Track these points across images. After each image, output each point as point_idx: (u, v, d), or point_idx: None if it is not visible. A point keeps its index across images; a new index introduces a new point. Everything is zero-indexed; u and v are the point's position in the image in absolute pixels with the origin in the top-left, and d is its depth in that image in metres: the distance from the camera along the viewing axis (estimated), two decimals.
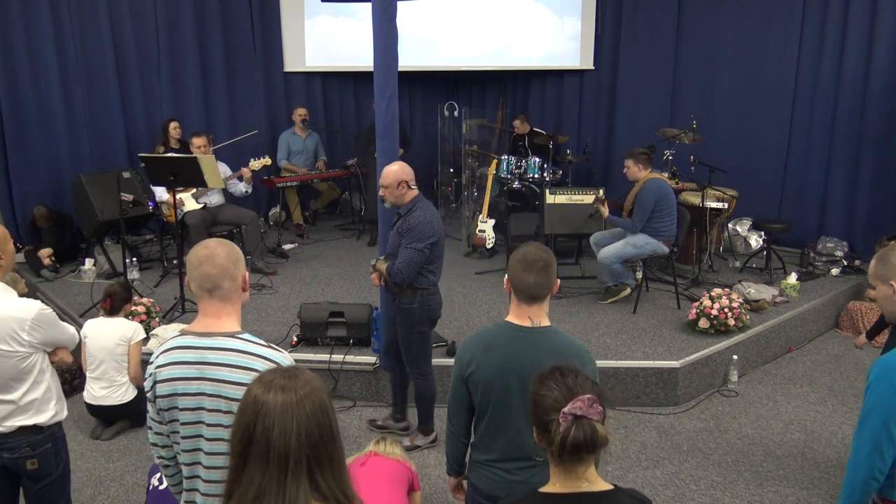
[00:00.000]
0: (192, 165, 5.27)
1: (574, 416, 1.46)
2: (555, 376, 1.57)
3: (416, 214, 3.56)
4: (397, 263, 3.57)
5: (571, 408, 1.46)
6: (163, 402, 1.84)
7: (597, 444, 1.47)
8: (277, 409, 1.31)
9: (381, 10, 3.87)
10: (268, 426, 1.31)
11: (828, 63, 6.76)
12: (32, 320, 2.44)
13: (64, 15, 6.87)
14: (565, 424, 1.46)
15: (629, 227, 5.36)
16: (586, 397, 1.47)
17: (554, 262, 2.17)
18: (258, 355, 1.82)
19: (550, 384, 1.55)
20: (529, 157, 7.39)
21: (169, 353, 1.85)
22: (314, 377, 1.42)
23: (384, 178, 3.58)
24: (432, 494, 3.61)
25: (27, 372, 2.48)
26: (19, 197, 6.83)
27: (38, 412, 2.52)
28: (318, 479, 1.33)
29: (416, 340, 3.77)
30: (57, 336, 2.56)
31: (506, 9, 8.82)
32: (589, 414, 1.46)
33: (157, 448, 1.97)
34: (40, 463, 2.54)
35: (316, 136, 7.94)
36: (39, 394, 2.52)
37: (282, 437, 1.30)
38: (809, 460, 3.90)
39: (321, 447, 1.33)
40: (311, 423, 1.32)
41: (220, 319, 1.88)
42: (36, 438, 2.52)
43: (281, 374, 1.39)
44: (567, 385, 1.53)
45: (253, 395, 1.35)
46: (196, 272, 1.86)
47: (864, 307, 5.66)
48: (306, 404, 1.33)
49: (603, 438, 1.47)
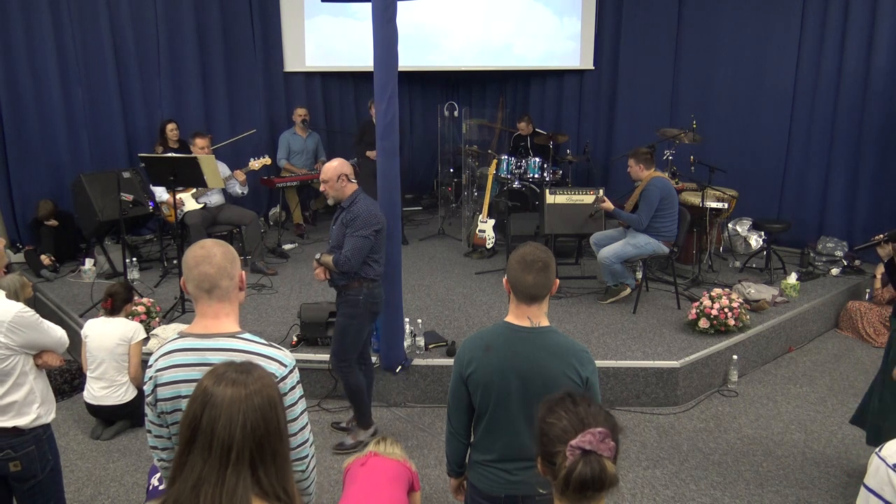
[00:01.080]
0: (192, 165, 5.27)
1: (582, 450, 1.33)
2: (565, 403, 1.44)
3: (360, 205, 3.66)
4: (344, 252, 3.61)
5: (580, 441, 1.33)
6: (165, 405, 1.83)
7: (604, 484, 1.33)
8: (225, 401, 1.32)
9: (381, 10, 3.87)
10: (214, 417, 1.31)
11: (828, 63, 6.76)
12: (10, 322, 2.44)
13: (64, 15, 6.88)
14: (572, 459, 1.33)
15: (634, 222, 5.35)
16: (598, 430, 1.34)
17: (553, 262, 2.17)
18: (261, 354, 1.81)
19: (559, 412, 1.42)
20: (529, 157, 7.39)
21: (169, 355, 1.84)
22: (267, 374, 1.43)
23: (325, 173, 3.67)
24: (432, 494, 3.61)
25: (7, 374, 2.47)
26: (19, 197, 6.84)
27: (18, 414, 2.51)
28: (260, 474, 1.33)
29: (353, 330, 3.80)
30: (38, 339, 2.55)
31: (506, 9, 8.82)
32: (599, 449, 1.33)
33: (158, 451, 1.96)
34: (23, 465, 2.54)
35: (316, 137, 7.94)
36: (20, 396, 2.51)
37: (226, 429, 1.30)
38: (809, 460, 3.90)
39: (266, 443, 1.34)
40: (257, 417, 1.33)
41: (219, 320, 1.87)
42: (17, 441, 2.52)
43: (234, 368, 1.40)
44: (578, 415, 1.40)
45: (203, 386, 1.36)
46: (194, 272, 1.85)
47: (863, 307, 5.66)
48: (255, 399, 1.34)
49: (612, 477, 1.33)
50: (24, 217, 6.84)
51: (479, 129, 9.24)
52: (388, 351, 4.38)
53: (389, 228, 4.16)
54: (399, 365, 4.41)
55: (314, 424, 4.16)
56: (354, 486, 2.96)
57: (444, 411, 2.38)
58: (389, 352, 4.38)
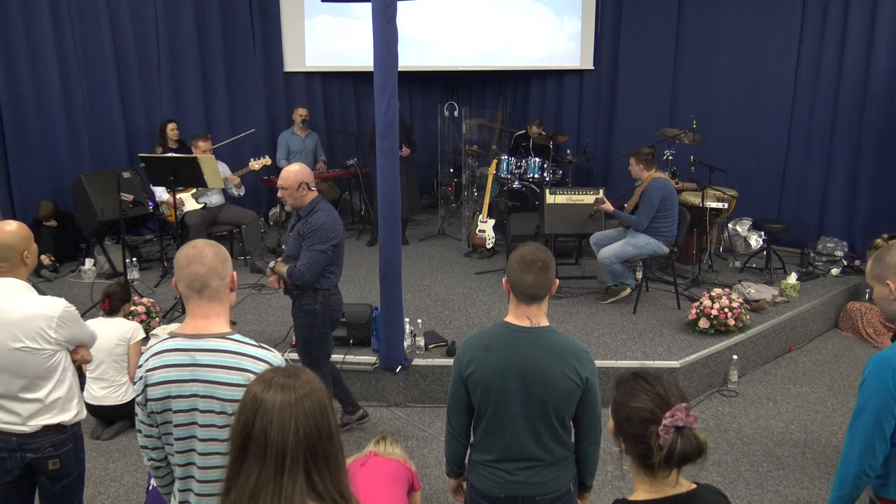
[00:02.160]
0: (192, 165, 5.27)
1: (676, 427, 1.41)
2: (641, 385, 1.51)
3: (318, 216, 3.54)
4: (299, 266, 3.51)
5: (672, 420, 1.42)
6: (155, 405, 1.84)
7: (703, 452, 1.44)
8: (276, 408, 1.32)
9: (381, 10, 3.87)
10: (266, 423, 1.32)
11: (828, 63, 6.76)
12: (59, 317, 2.44)
13: (64, 15, 6.88)
14: (669, 437, 1.41)
15: (635, 223, 5.34)
16: (683, 406, 1.43)
17: (552, 262, 2.17)
18: (249, 355, 1.82)
19: (640, 395, 1.49)
20: (529, 157, 7.40)
21: (159, 356, 1.85)
22: (315, 377, 1.42)
23: (284, 179, 3.55)
24: (432, 494, 3.61)
25: (53, 370, 2.48)
26: (19, 197, 6.84)
27: (62, 410, 2.52)
28: (314, 478, 1.33)
29: (318, 341, 3.76)
30: (80, 333, 2.57)
31: (506, 9, 8.82)
32: (689, 423, 1.42)
33: (148, 450, 1.97)
34: (62, 463, 2.54)
35: (315, 136, 7.93)
36: (63, 392, 2.52)
37: (279, 435, 1.31)
38: (809, 460, 3.90)
39: (319, 446, 1.34)
40: (309, 422, 1.33)
41: (210, 320, 1.88)
42: (59, 438, 2.52)
43: (282, 373, 1.40)
44: (658, 394, 1.48)
45: (253, 393, 1.36)
46: (185, 272, 1.86)
47: (863, 307, 5.65)
48: (305, 403, 1.34)
49: (705, 445, 1.44)
50: (25, 217, 6.81)
51: (479, 129, 9.24)
52: (388, 351, 4.38)
53: (390, 228, 4.17)
54: (399, 365, 4.41)
55: None
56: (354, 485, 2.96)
57: (444, 411, 2.38)
58: (389, 352, 4.38)
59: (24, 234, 2.50)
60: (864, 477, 2.05)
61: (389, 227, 4.16)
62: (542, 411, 2.11)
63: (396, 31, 3.93)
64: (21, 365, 2.40)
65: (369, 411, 4.46)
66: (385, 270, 4.19)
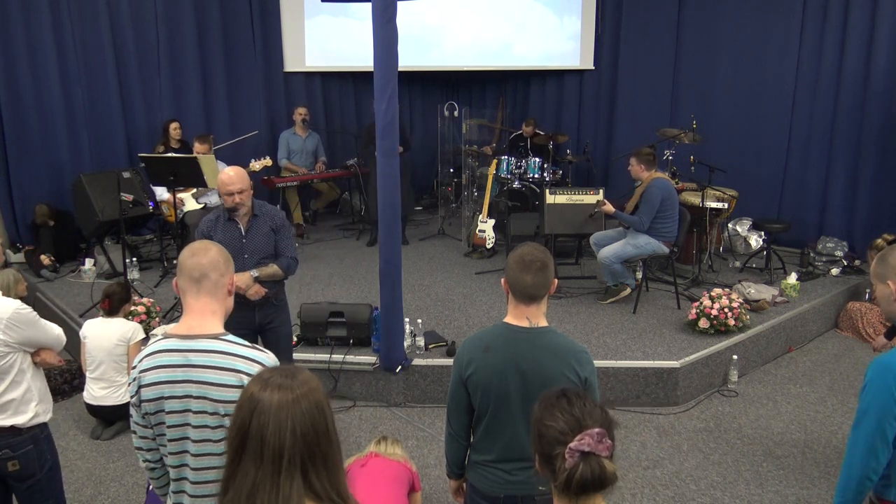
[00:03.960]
0: (192, 165, 5.28)
1: (581, 452, 1.35)
2: (561, 404, 1.44)
3: (269, 206, 3.60)
4: (290, 257, 3.56)
5: (578, 444, 1.35)
6: (149, 405, 1.84)
7: (605, 483, 1.36)
8: (273, 407, 1.32)
9: (381, 10, 3.87)
10: (263, 423, 1.31)
11: (828, 63, 6.76)
12: (8, 319, 2.43)
13: (64, 15, 6.87)
14: (572, 461, 1.35)
15: (636, 224, 5.34)
16: (595, 432, 1.36)
17: (551, 262, 2.17)
18: (242, 356, 1.82)
19: (556, 413, 1.43)
20: (529, 158, 7.40)
21: (153, 356, 1.85)
22: (312, 377, 1.42)
23: (242, 181, 3.37)
24: (432, 495, 3.61)
25: (5, 371, 2.47)
26: (19, 197, 6.84)
27: (16, 413, 2.51)
28: (312, 478, 1.33)
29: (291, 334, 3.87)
30: (35, 336, 2.55)
31: (506, 9, 8.82)
32: (598, 450, 1.35)
33: (143, 451, 1.97)
34: (22, 464, 2.54)
35: (316, 137, 7.94)
36: (18, 394, 2.51)
37: (276, 435, 1.30)
38: (809, 460, 3.90)
39: (316, 447, 1.33)
40: (306, 421, 1.33)
41: (205, 318, 1.88)
42: (15, 440, 2.51)
43: (279, 373, 1.39)
44: (574, 415, 1.41)
45: (250, 393, 1.36)
46: (188, 262, 1.88)
47: (863, 307, 5.65)
48: (302, 403, 1.34)
49: (612, 476, 1.36)
50: (25, 217, 6.83)
51: (479, 129, 9.24)
52: (388, 351, 4.38)
53: (390, 228, 4.17)
54: (399, 365, 4.42)
55: None
56: (355, 486, 2.96)
57: (444, 411, 2.38)
58: (389, 352, 4.38)
59: None
60: (868, 481, 2.05)
61: (389, 227, 4.16)
62: None
63: (396, 31, 3.93)
64: None
65: (369, 411, 4.46)
66: (385, 270, 4.19)
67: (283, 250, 3.56)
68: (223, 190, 3.36)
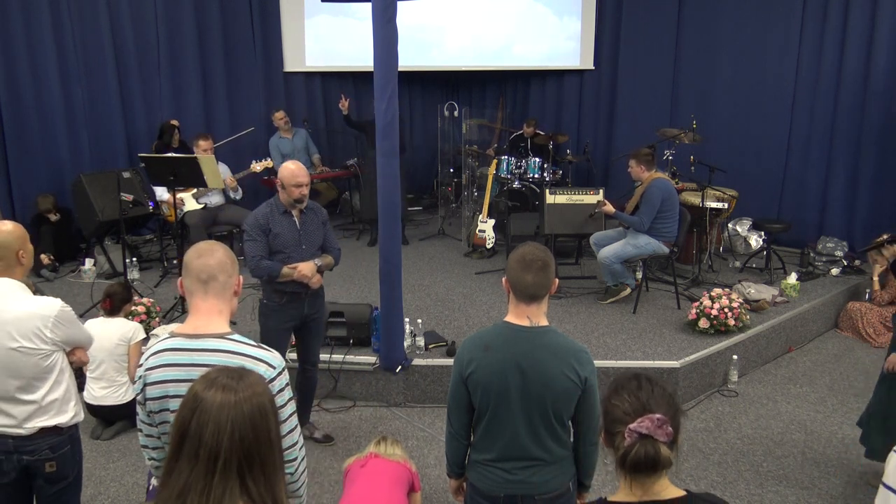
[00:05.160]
0: (192, 165, 5.27)
1: (640, 434, 1.40)
2: (630, 385, 1.49)
3: (314, 203, 3.76)
4: (337, 248, 3.78)
5: (638, 425, 1.40)
6: (153, 404, 1.84)
7: (658, 467, 1.41)
8: (214, 408, 1.30)
9: (381, 10, 3.87)
10: (202, 423, 1.29)
11: (828, 63, 6.76)
12: (55, 317, 2.43)
13: (64, 15, 6.88)
14: (629, 441, 1.41)
15: (636, 224, 5.34)
16: (656, 417, 1.40)
17: (552, 262, 2.17)
18: (249, 355, 1.82)
19: (624, 394, 1.47)
20: (529, 158, 7.40)
21: (159, 355, 1.85)
22: (261, 381, 1.40)
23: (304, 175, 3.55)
24: (432, 494, 3.61)
25: (49, 371, 2.46)
26: (19, 197, 6.84)
27: (59, 413, 2.50)
28: (248, 482, 1.30)
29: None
30: (77, 334, 2.56)
31: (506, 9, 8.82)
32: (656, 434, 1.39)
33: (148, 450, 1.97)
34: (58, 465, 2.52)
35: (303, 133, 7.82)
36: (60, 394, 2.50)
37: (214, 436, 1.28)
38: (809, 460, 3.90)
39: (255, 451, 1.31)
40: (246, 425, 1.30)
41: (211, 318, 1.88)
42: (56, 440, 2.50)
43: (226, 374, 1.37)
44: (640, 399, 1.46)
45: (194, 391, 1.34)
46: (195, 263, 1.87)
47: (863, 307, 5.65)
48: (244, 406, 1.31)
49: (665, 461, 1.40)
50: (25, 217, 6.82)
51: (479, 129, 9.24)
52: (388, 351, 4.38)
53: (390, 228, 4.18)
54: (399, 365, 4.42)
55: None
56: (354, 487, 2.96)
57: (444, 411, 2.38)
58: (389, 352, 4.38)
59: (20, 234, 2.49)
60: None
61: (389, 227, 4.16)
62: (542, 411, 2.11)
63: (396, 31, 3.93)
64: (17, 365, 2.39)
65: (369, 411, 4.46)
66: (385, 270, 4.19)
67: (332, 242, 3.76)
68: (293, 181, 3.49)
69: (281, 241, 3.55)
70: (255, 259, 3.52)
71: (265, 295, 3.69)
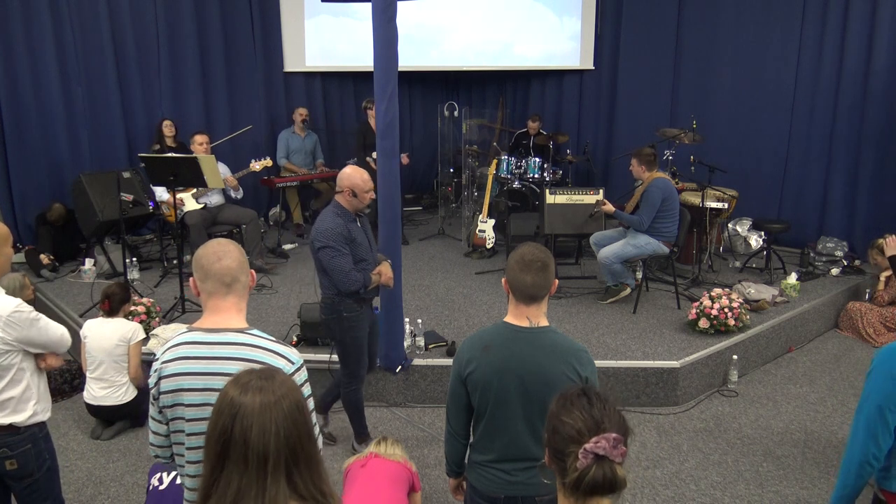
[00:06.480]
0: (192, 165, 5.27)
1: (596, 455, 1.33)
2: (581, 402, 1.41)
3: None
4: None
5: (594, 446, 1.33)
6: (166, 398, 1.84)
7: (615, 488, 1.33)
8: (256, 410, 1.30)
9: (381, 10, 3.87)
10: (246, 427, 1.29)
11: (828, 63, 6.76)
12: (7, 318, 2.43)
13: (64, 15, 6.88)
14: (585, 462, 1.33)
15: (636, 223, 5.34)
16: (612, 437, 1.33)
17: (552, 262, 2.17)
18: (268, 349, 1.82)
19: (574, 411, 1.40)
20: (529, 158, 7.40)
21: (176, 348, 1.85)
22: (289, 378, 1.42)
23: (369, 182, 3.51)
24: (432, 494, 3.61)
25: (4, 369, 2.47)
26: (19, 197, 6.84)
27: (14, 411, 2.51)
28: (296, 479, 1.32)
29: None
30: (35, 337, 2.54)
31: (506, 9, 8.82)
32: (612, 455, 1.33)
33: (154, 447, 1.97)
34: (20, 463, 2.54)
35: (314, 137, 7.94)
36: (17, 392, 2.51)
37: (261, 438, 1.29)
38: (809, 460, 3.90)
39: (299, 447, 1.33)
40: (288, 423, 1.31)
41: (231, 314, 1.88)
42: (13, 439, 2.51)
43: (257, 376, 1.38)
44: (593, 416, 1.38)
45: (230, 397, 1.34)
46: (215, 267, 1.85)
47: (863, 307, 5.65)
48: (283, 404, 1.32)
49: (622, 482, 1.33)
50: (25, 217, 6.84)
51: (479, 129, 9.25)
52: (388, 351, 4.38)
53: (390, 228, 4.18)
54: (399, 365, 4.42)
55: None
56: (354, 487, 2.96)
57: (444, 411, 2.38)
58: (389, 352, 4.38)
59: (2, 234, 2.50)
60: (868, 466, 2.05)
61: (389, 227, 4.16)
62: (542, 411, 2.10)
63: (396, 31, 3.93)
64: None
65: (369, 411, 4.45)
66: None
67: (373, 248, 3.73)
68: (366, 188, 3.45)
69: (361, 249, 3.50)
70: (348, 273, 3.41)
71: (343, 307, 3.52)
